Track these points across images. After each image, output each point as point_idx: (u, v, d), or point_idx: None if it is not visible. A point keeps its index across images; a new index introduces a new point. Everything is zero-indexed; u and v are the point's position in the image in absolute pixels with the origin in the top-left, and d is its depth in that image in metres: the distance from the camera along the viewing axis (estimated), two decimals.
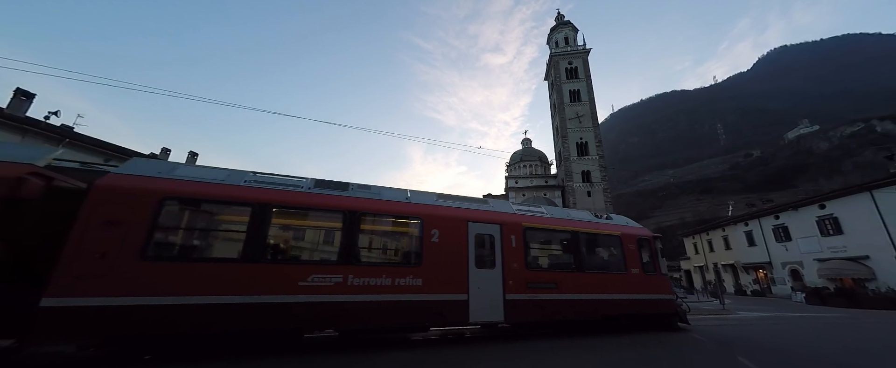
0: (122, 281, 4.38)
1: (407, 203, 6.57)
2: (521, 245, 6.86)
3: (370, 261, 6.02)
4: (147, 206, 4.74)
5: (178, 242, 5.26)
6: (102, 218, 4.49)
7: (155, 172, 5.21)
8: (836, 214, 21.84)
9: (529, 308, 6.56)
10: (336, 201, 5.93)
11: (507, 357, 5.43)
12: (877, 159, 53.07)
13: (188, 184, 5.23)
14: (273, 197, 5.48)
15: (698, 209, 74.53)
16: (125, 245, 4.50)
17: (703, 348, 6.29)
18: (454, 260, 6.25)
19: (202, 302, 4.63)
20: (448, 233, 6.33)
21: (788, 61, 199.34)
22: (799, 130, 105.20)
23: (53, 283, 4.10)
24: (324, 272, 5.31)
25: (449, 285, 6.05)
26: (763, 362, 5.21)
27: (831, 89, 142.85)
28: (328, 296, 5.20)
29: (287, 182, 5.99)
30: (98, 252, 4.36)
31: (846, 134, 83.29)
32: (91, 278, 4.26)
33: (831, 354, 6.00)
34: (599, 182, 38.47)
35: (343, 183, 6.51)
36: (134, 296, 4.38)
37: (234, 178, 5.64)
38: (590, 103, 41.90)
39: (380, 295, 5.51)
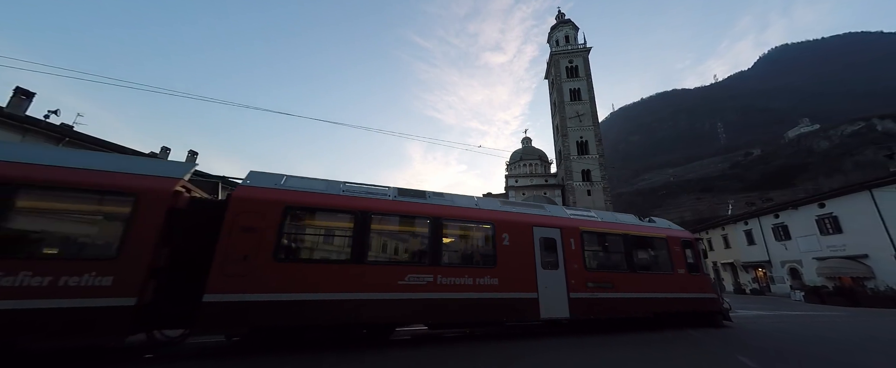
0: (261, 279, 5.02)
1: (480, 209, 7.16)
2: (580, 247, 7.43)
3: (453, 263, 6.50)
4: (274, 215, 5.39)
5: (300, 246, 5.90)
6: (241, 226, 5.14)
7: (273, 184, 5.84)
8: (835, 213, 21.85)
9: (590, 306, 7.11)
10: (420, 208, 6.60)
11: (510, 355, 5.46)
12: (877, 158, 53.04)
13: (302, 195, 5.86)
14: (370, 206, 6.15)
15: (698, 208, 74.51)
16: (261, 248, 5.14)
17: (704, 346, 6.32)
18: (523, 261, 6.82)
19: (322, 298, 5.27)
20: (517, 237, 6.93)
21: (790, 60, 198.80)
22: (799, 129, 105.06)
23: (211, 282, 4.75)
24: (417, 272, 5.95)
25: (521, 284, 6.63)
26: (763, 361, 5.24)
27: (832, 88, 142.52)
28: (421, 294, 5.83)
29: (375, 190, 6.64)
30: (241, 254, 5.01)
31: (847, 133, 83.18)
32: (238, 277, 4.91)
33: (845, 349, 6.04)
34: (599, 180, 38.45)
35: (420, 191, 7.16)
36: (271, 293, 5.02)
37: (332, 188, 6.33)
38: (590, 102, 41.83)
39: (464, 293, 6.12)
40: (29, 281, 3.98)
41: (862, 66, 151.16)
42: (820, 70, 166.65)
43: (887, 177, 19.73)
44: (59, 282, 4.07)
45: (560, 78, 43.77)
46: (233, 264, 4.91)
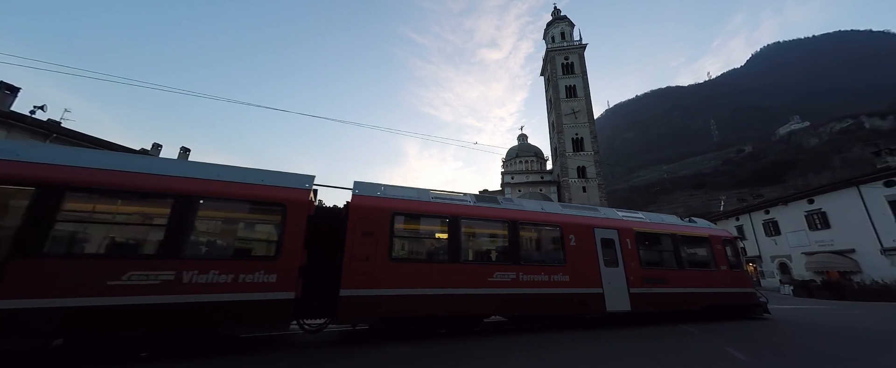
0: (380, 276, 5.78)
1: (548, 212, 7.91)
2: (635, 247, 8.18)
3: (530, 261, 7.21)
4: (385, 220, 6.14)
5: (407, 247, 6.71)
6: (361, 230, 5.90)
7: (375, 193, 6.60)
8: (823, 209, 22.33)
9: (648, 300, 7.83)
10: (499, 212, 7.32)
11: (508, 349, 5.52)
12: (864, 155, 54.17)
13: (403, 202, 6.61)
14: (459, 211, 6.87)
15: (691, 204, 75.57)
16: (378, 250, 5.90)
17: (693, 339, 6.44)
18: (589, 260, 7.55)
19: (428, 292, 6.04)
20: (581, 238, 7.66)
21: (782, 58, 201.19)
22: (790, 126, 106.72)
23: (344, 279, 5.54)
24: (503, 270, 6.70)
25: (588, 281, 7.39)
26: (751, 351, 5.36)
27: (823, 86, 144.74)
28: (506, 290, 6.60)
29: (457, 197, 7.43)
30: (364, 255, 5.78)
31: (836, 130, 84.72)
32: (364, 274, 5.68)
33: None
34: (594, 177, 38.75)
35: (492, 196, 8.00)
36: (389, 288, 5.79)
37: (423, 196, 7.06)
38: (585, 99, 41.98)
39: (541, 288, 6.89)
40: (217, 278, 4.79)
41: (851, 64, 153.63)
42: (811, 68, 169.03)
43: (874, 174, 20.19)
44: (238, 279, 4.89)
45: (556, 74, 43.82)
46: (359, 263, 5.71)
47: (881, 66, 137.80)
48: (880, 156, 21.28)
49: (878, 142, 53.04)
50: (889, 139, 56.38)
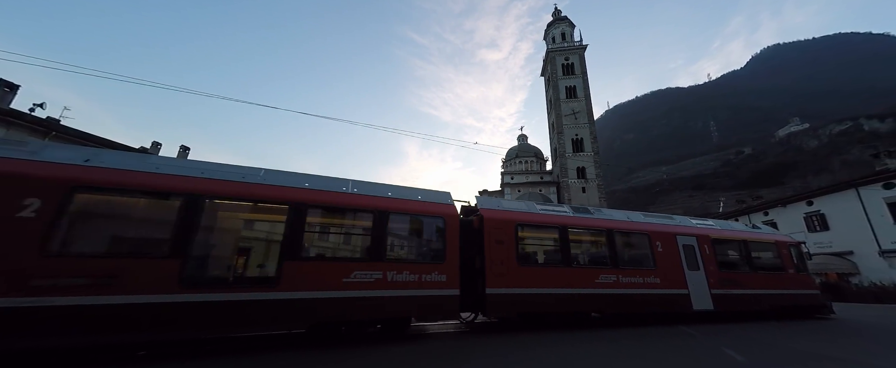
0: (513, 277, 6.79)
1: (638, 222, 8.83)
2: (712, 252, 8.96)
3: (627, 265, 8.04)
4: (511, 230, 7.16)
5: (528, 253, 7.62)
6: (495, 239, 6.93)
7: (496, 206, 7.68)
8: (822, 211, 22.36)
9: (727, 301, 8.55)
10: (598, 222, 8.30)
11: (505, 350, 5.52)
12: (863, 157, 54.26)
13: (522, 214, 7.67)
14: (566, 221, 7.89)
15: (690, 205, 75.65)
16: (508, 255, 6.92)
17: (691, 340, 6.46)
18: (674, 264, 8.41)
19: (549, 292, 7.03)
20: (666, 244, 8.53)
21: (781, 59, 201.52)
22: (790, 128, 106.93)
23: (488, 279, 6.59)
24: (606, 273, 7.67)
25: (675, 282, 8.23)
26: (749, 353, 5.37)
27: (822, 87, 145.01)
28: (610, 290, 7.52)
29: (560, 210, 8.42)
30: (499, 260, 6.78)
31: (835, 132, 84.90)
32: (502, 276, 6.71)
33: None
34: (594, 178, 38.77)
35: (585, 207, 8.98)
36: (520, 288, 6.82)
37: (531, 208, 8.12)
38: (585, 100, 42.01)
39: (637, 289, 7.80)
40: (402, 276, 5.86)
41: (850, 67, 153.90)
42: (810, 70, 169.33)
43: (873, 176, 20.22)
44: (422, 278, 5.99)
45: (556, 75, 43.85)
46: (496, 266, 6.71)
47: (880, 69, 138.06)
48: (879, 159, 21.31)
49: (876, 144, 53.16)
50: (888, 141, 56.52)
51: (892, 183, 19.12)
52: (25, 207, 4.14)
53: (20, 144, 4.73)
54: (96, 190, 4.66)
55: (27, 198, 4.18)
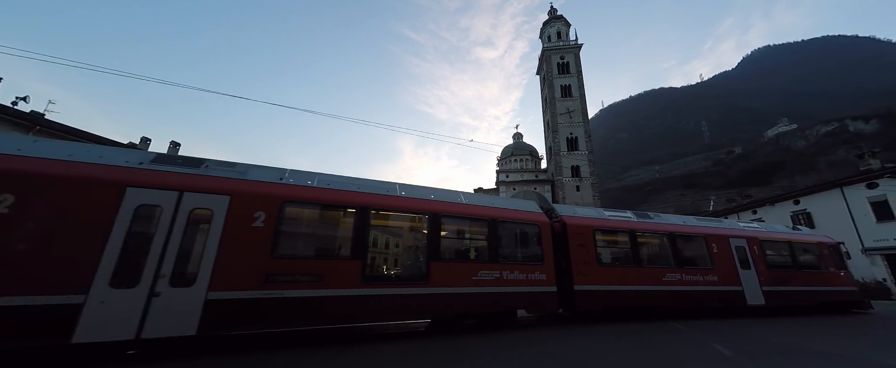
0: (594, 276, 7.75)
1: (693, 226, 9.79)
2: (761, 253, 9.78)
3: (688, 265, 8.95)
4: (589, 235, 8.11)
5: (604, 255, 8.50)
6: (577, 243, 7.88)
7: (572, 213, 8.67)
8: (809, 209, 22.91)
9: (777, 297, 9.38)
10: (660, 227, 9.26)
11: (500, 346, 5.58)
12: (849, 157, 55.59)
13: (598, 221, 8.69)
14: (633, 226, 8.90)
15: (682, 203, 76.86)
16: (589, 256, 7.87)
17: (681, 335, 6.60)
18: (728, 263, 9.23)
19: (624, 289, 8.01)
20: (721, 246, 9.38)
21: (771, 61, 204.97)
22: (778, 128, 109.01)
23: (575, 277, 7.54)
24: (671, 272, 8.55)
25: (730, 280, 9.07)
26: (737, 348, 5.51)
27: (810, 89, 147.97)
28: (675, 287, 8.46)
29: (624, 215, 9.38)
30: (582, 261, 7.75)
31: (822, 132, 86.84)
32: (585, 275, 7.66)
33: None
34: (588, 176, 39.12)
35: (646, 213, 9.92)
36: (601, 285, 7.78)
37: (600, 214, 9.24)
38: (580, 98, 42.26)
39: (699, 286, 8.71)
40: (513, 275, 6.87)
41: (837, 69, 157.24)
42: (799, 71, 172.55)
43: (857, 176, 20.77)
44: (527, 277, 6.99)
45: (551, 74, 43.99)
46: (581, 266, 7.66)
47: (866, 71, 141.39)
48: (863, 159, 21.87)
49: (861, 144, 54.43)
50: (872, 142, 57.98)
51: (875, 183, 19.66)
52: (256, 219, 5.12)
53: (231, 166, 5.71)
54: (298, 203, 5.67)
55: (256, 212, 5.15)
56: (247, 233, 5.00)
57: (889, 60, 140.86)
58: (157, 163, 5.15)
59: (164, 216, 4.70)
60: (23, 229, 4.09)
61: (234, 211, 5.02)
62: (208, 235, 4.84)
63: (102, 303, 4.17)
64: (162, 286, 4.46)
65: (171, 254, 4.60)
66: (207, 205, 4.93)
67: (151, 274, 4.45)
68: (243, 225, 5.01)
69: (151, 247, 4.55)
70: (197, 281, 4.63)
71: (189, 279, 4.63)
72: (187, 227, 4.79)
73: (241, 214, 5.05)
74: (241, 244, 4.93)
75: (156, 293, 4.42)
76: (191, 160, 5.53)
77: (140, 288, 4.38)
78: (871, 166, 20.87)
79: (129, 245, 4.43)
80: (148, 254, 4.51)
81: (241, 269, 4.85)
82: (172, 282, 4.53)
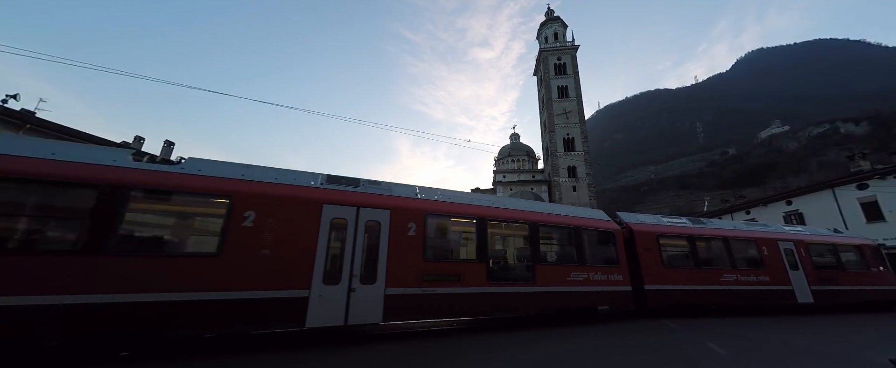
0: (660, 277, 8.71)
1: (745, 230, 10.59)
2: (808, 254, 10.54)
3: (743, 266, 9.76)
4: (653, 240, 9.07)
5: (668, 257, 9.34)
6: (644, 247, 8.88)
7: (635, 220, 9.60)
8: (801, 210, 23.26)
9: (824, 296, 10.08)
10: (716, 232, 10.11)
11: (494, 346, 5.60)
12: (839, 159, 56.47)
13: (659, 227, 9.61)
14: (691, 232, 9.82)
15: (676, 204, 77.54)
16: (654, 259, 8.82)
17: (676, 334, 6.66)
18: (779, 265, 10.04)
19: (685, 288, 8.88)
20: (771, 249, 10.17)
21: (765, 63, 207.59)
22: (771, 130, 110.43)
23: (645, 278, 8.55)
24: (727, 273, 9.43)
25: (781, 280, 9.85)
26: (731, 347, 5.57)
27: (802, 92, 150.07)
28: (730, 286, 9.27)
29: (678, 221, 10.38)
30: (649, 263, 8.75)
31: (813, 134, 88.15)
32: (652, 276, 8.64)
33: None
34: (585, 177, 39.34)
35: (698, 219, 11.00)
36: (666, 285, 8.69)
37: (659, 220, 10.11)
38: (577, 99, 42.48)
39: (752, 286, 9.49)
40: (597, 276, 7.85)
41: (829, 71, 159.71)
42: (792, 74, 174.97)
43: (848, 177, 21.11)
44: (608, 278, 7.98)
45: (548, 75, 44.18)
46: (649, 268, 8.63)
47: (857, 74, 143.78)
48: (854, 160, 22.24)
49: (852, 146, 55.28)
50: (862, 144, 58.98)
51: (866, 184, 20.00)
52: (409, 229, 6.20)
53: (378, 184, 6.79)
54: (436, 215, 6.72)
55: (409, 223, 6.23)
56: (404, 241, 6.10)
57: (879, 64, 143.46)
58: (330, 183, 6.21)
59: (349, 227, 5.79)
60: (261, 238, 5.16)
61: (395, 222, 6.13)
62: (379, 242, 5.93)
63: (320, 297, 5.25)
64: (355, 283, 5.55)
65: (358, 257, 5.70)
66: (376, 218, 6.04)
67: (347, 274, 5.54)
68: (402, 234, 6.12)
69: (344, 252, 5.65)
70: (377, 280, 5.71)
71: (372, 278, 5.70)
72: (365, 236, 5.89)
73: (399, 225, 6.15)
74: (402, 249, 6.04)
75: (353, 288, 5.51)
76: (351, 180, 6.55)
77: (342, 285, 5.45)
78: (862, 167, 21.23)
79: (330, 249, 5.54)
80: (343, 257, 5.61)
81: (404, 270, 5.95)
82: (362, 280, 5.61)
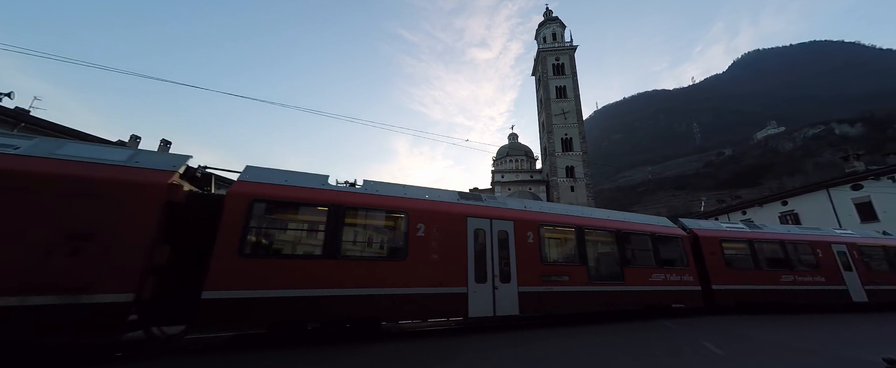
0: (725, 278, 9.62)
1: (799, 234, 11.33)
2: (860, 256, 11.31)
3: (798, 267, 10.55)
4: (718, 244, 9.98)
5: (731, 260, 10.07)
6: (708, 251, 9.80)
7: (697, 225, 10.66)
8: (796, 210, 23.46)
9: (878, 294, 10.80)
10: (772, 236, 10.90)
11: (495, 345, 5.61)
12: (834, 160, 56.97)
13: (721, 232, 10.43)
14: (749, 236, 10.57)
15: (673, 204, 77.95)
16: (719, 262, 9.75)
17: (672, 333, 6.70)
18: (833, 266, 10.78)
19: (749, 288, 9.76)
20: (825, 251, 10.96)
21: (761, 65, 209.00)
22: (767, 131, 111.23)
23: (712, 278, 9.45)
24: (785, 274, 10.27)
25: (836, 281, 10.63)
26: (727, 346, 5.61)
27: (798, 93, 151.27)
28: (788, 286, 10.13)
29: (736, 226, 11.18)
30: (715, 265, 9.66)
31: (809, 135, 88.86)
32: (720, 276, 9.57)
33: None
34: (582, 177, 39.47)
35: (754, 223, 12.17)
36: (731, 285, 9.61)
37: (718, 226, 11.02)
38: (575, 100, 42.60)
39: (808, 286, 10.33)
40: (672, 277, 8.95)
41: (824, 73, 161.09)
42: (788, 75, 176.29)
43: (842, 178, 21.31)
44: (681, 278, 9.04)
45: (547, 75, 44.28)
46: (715, 269, 9.59)
47: (851, 76, 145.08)
48: (848, 161, 22.45)
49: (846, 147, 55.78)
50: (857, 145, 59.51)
51: (860, 184, 20.20)
52: (528, 237, 7.47)
53: (494, 198, 8.22)
54: (546, 225, 7.93)
55: (528, 232, 7.49)
56: (526, 247, 7.33)
57: (873, 65, 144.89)
58: (462, 198, 7.71)
59: (486, 236, 7.07)
60: (430, 245, 6.46)
61: (518, 231, 7.38)
62: (509, 248, 7.19)
63: (475, 292, 6.50)
64: (497, 282, 6.81)
65: (496, 261, 6.96)
66: (504, 228, 7.33)
67: (491, 274, 6.80)
68: (524, 241, 7.35)
69: (486, 256, 6.90)
70: (511, 279, 6.95)
71: (507, 277, 6.94)
72: (498, 243, 7.14)
73: (521, 234, 7.38)
74: (525, 254, 7.25)
75: (495, 286, 6.77)
76: (474, 195, 8.05)
77: (488, 284, 6.71)
78: (856, 168, 21.43)
79: (476, 254, 6.81)
80: (485, 260, 6.86)
81: (529, 271, 7.15)
82: (501, 279, 6.87)
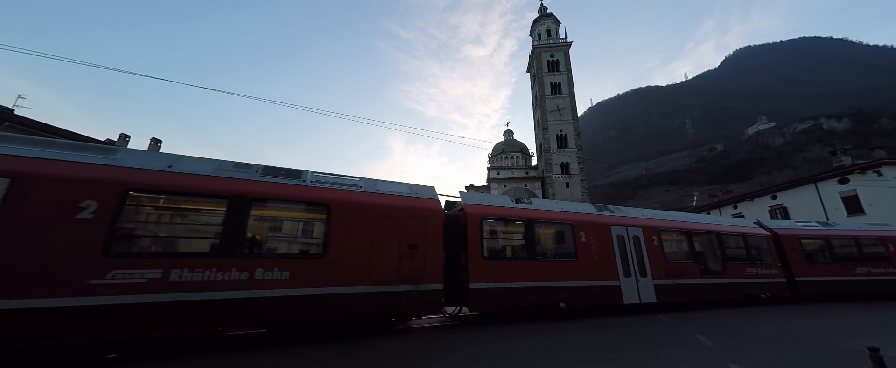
0: (805, 271, 10.80)
1: (869, 231, 12.07)
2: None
3: (871, 260, 11.45)
4: (797, 241, 11.18)
5: (809, 254, 11.26)
6: (789, 248, 11.00)
7: (776, 225, 11.74)
8: (785, 204, 23.91)
9: None
10: (847, 233, 11.74)
11: (482, 341, 5.65)
12: (822, 154, 58.16)
13: (798, 231, 11.50)
14: (826, 234, 11.56)
15: (666, 199, 78.91)
16: (799, 257, 10.93)
17: (666, 326, 6.82)
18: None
19: (828, 279, 10.87)
20: (893, 248, 11.77)
21: (752, 61, 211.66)
22: (758, 126, 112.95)
23: (795, 273, 10.73)
24: (860, 266, 11.16)
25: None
26: (718, 340, 5.73)
27: (788, 89, 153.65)
28: (863, 277, 11.08)
29: (810, 225, 12.16)
30: (796, 260, 10.88)
31: (798, 130, 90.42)
32: (801, 270, 10.81)
33: None
34: (577, 173, 39.72)
35: (828, 222, 13.03)
36: (811, 277, 10.77)
37: (794, 225, 12.06)
38: (570, 96, 42.74)
39: (881, 276, 11.17)
40: (763, 271, 10.39)
41: (813, 69, 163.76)
42: (778, 71, 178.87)
43: (830, 172, 21.76)
44: (770, 272, 10.48)
45: (542, 72, 44.31)
46: (796, 263, 10.82)
47: (839, 72, 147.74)
48: (835, 156, 22.93)
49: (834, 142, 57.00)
50: (844, 139, 60.78)
51: (847, 178, 20.66)
52: (653, 240, 9.16)
53: (605, 208, 9.51)
54: (664, 230, 9.53)
55: (653, 236, 9.19)
56: (653, 248, 9.03)
57: (861, 61, 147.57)
58: (599, 210, 9.32)
59: (625, 240, 8.78)
60: (590, 248, 8.24)
61: (646, 236, 9.12)
62: (641, 249, 8.88)
63: (625, 285, 8.29)
64: (638, 276, 8.53)
65: (634, 260, 8.66)
66: (636, 234, 9.02)
67: (633, 270, 8.55)
68: (650, 243, 9.04)
69: (626, 256, 8.60)
70: (647, 274, 8.66)
71: (644, 272, 8.65)
72: (635, 245, 8.85)
73: (648, 237, 9.12)
74: (653, 254, 8.96)
75: (638, 279, 8.48)
76: (604, 207, 9.50)
77: (632, 278, 8.45)
78: (843, 162, 21.89)
79: (622, 254, 8.53)
80: (627, 259, 8.57)
81: (657, 268, 8.81)
82: (641, 274, 8.59)
